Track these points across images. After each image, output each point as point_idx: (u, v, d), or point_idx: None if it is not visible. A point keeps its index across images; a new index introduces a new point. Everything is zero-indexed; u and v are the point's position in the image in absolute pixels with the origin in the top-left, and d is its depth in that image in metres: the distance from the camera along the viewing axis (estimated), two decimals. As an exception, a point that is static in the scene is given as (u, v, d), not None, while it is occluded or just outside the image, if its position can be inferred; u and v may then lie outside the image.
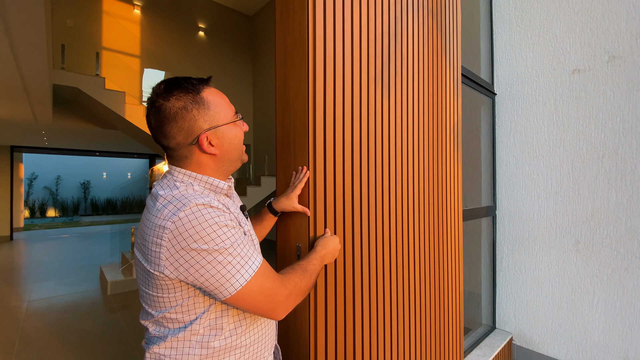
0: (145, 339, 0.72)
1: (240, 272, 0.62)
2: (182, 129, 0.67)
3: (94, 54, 5.06)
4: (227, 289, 0.61)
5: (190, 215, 0.59)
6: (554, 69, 2.21)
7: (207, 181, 0.70)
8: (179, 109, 0.66)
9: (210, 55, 6.41)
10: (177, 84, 0.67)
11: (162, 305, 0.66)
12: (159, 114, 0.66)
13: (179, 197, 0.62)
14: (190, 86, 0.67)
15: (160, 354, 0.67)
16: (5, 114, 4.64)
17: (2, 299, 3.72)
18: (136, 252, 0.68)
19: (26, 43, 2.46)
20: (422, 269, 1.47)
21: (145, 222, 0.64)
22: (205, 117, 0.68)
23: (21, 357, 2.46)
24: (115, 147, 8.97)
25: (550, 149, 2.23)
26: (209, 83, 0.72)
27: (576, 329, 2.11)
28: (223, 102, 0.72)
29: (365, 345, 1.18)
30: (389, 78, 1.30)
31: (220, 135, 0.70)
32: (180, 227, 0.59)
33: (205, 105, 0.68)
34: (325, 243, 0.96)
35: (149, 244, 0.62)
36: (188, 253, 0.59)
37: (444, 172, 1.64)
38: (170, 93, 0.66)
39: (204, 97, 0.69)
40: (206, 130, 0.68)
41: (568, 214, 2.15)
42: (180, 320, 0.66)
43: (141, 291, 0.69)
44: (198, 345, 0.66)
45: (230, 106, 0.74)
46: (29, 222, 11.95)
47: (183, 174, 0.69)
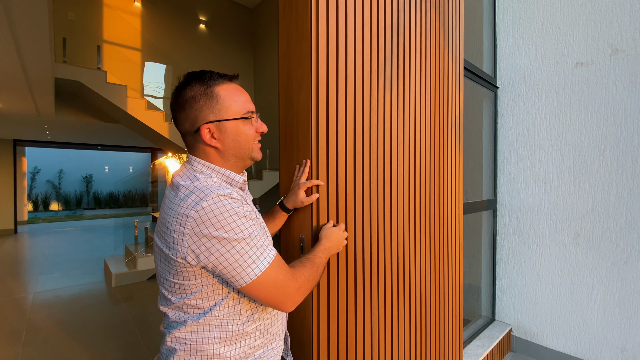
0: (164, 323, 0.75)
1: (255, 263, 0.65)
2: (188, 117, 0.71)
3: (95, 48, 5.05)
4: (242, 278, 0.64)
5: (212, 205, 0.62)
6: (557, 62, 2.20)
7: (225, 173, 0.73)
8: (189, 97, 0.70)
9: (211, 48, 6.38)
10: (198, 75, 0.72)
11: (182, 292, 0.69)
12: (175, 100, 0.73)
13: (201, 188, 0.65)
14: (208, 79, 0.71)
15: (182, 337, 0.70)
16: (8, 108, 4.66)
17: (8, 290, 3.78)
18: (157, 239, 0.70)
19: (28, 36, 2.46)
20: (422, 261, 1.49)
21: (167, 210, 0.67)
22: (212, 109, 0.71)
23: (28, 347, 2.51)
24: (117, 141, 8.99)
25: (551, 143, 2.23)
26: (232, 80, 0.75)
27: (575, 320, 2.14)
28: (236, 98, 0.73)
29: (366, 334, 1.21)
30: (391, 71, 1.30)
31: (223, 130, 0.72)
32: (203, 215, 0.62)
33: (215, 98, 0.71)
34: (330, 235, 0.97)
35: (171, 232, 0.64)
36: (209, 240, 0.62)
37: (445, 165, 1.65)
38: (188, 83, 0.71)
39: (216, 90, 0.71)
40: (209, 122, 0.71)
41: (568, 207, 2.16)
42: (200, 306, 0.69)
43: (161, 278, 0.72)
44: (217, 329, 0.70)
45: (246, 104, 0.75)
46: (33, 216, 12.04)
47: (202, 165, 0.72)
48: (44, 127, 6.31)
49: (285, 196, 1.08)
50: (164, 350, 0.73)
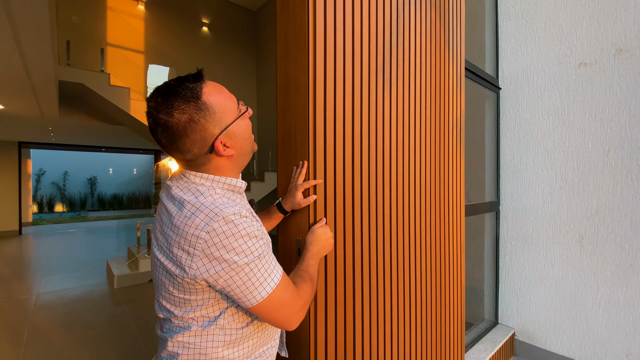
0: (164, 328, 0.73)
1: (262, 285, 0.64)
2: (195, 142, 0.65)
3: (98, 50, 5.09)
4: (249, 300, 0.64)
5: (224, 227, 0.60)
6: (560, 62, 2.18)
7: (226, 182, 0.70)
8: (186, 122, 0.62)
9: (214, 50, 6.41)
10: (174, 93, 0.62)
11: (186, 306, 0.68)
12: (168, 132, 0.63)
13: (209, 206, 0.62)
14: (188, 92, 0.63)
15: (185, 342, 0.68)
16: (13, 110, 4.70)
17: (11, 291, 3.80)
18: (158, 253, 0.67)
19: (31, 39, 2.48)
20: (423, 263, 1.47)
21: (171, 227, 0.63)
22: (214, 122, 0.65)
23: (30, 347, 2.51)
24: (120, 143, 9.04)
25: (555, 144, 2.21)
26: (203, 79, 0.66)
27: (579, 324, 2.10)
28: (224, 98, 0.68)
29: (365, 338, 1.19)
30: (390, 72, 1.29)
31: (232, 135, 0.69)
32: (215, 237, 0.60)
33: (210, 109, 0.65)
34: (315, 239, 0.95)
35: (177, 250, 0.62)
36: (220, 264, 0.61)
37: (446, 167, 1.63)
38: (171, 106, 0.62)
39: (206, 100, 0.64)
40: (219, 135, 0.66)
41: (572, 209, 2.13)
42: (205, 316, 0.69)
43: (161, 290, 0.69)
44: (222, 333, 0.69)
45: (231, 98, 0.70)
46: (37, 217, 12.14)
47: (200, 177, 0.68)
48: (49, 129, 6.37)
49: (283, 197, 1.08)
50: (165, 355, 0.71)
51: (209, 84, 0.67)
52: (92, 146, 9.73)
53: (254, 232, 0.63)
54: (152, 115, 0.63)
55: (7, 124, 5.70)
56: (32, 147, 8.68)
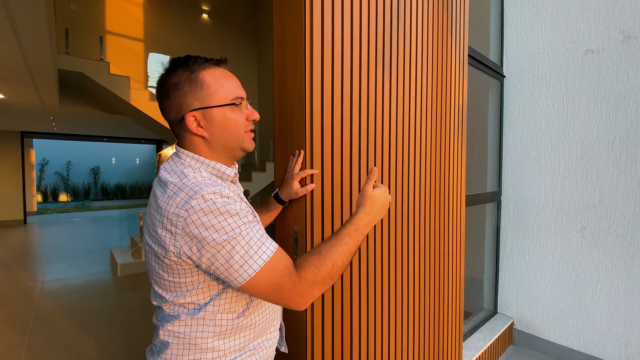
0: (157, 316, 0.73)
1: (248, 263, 0.61)
2: (173, 105, 0.68)
3: (97, 38, 5.03)
4: (236, 279, 0.61)
5: (202, 204, 0.59)
6: (567, 49, 2.12)
7: (215, 167, 0.70)
8: (172, 84, 0.67)
9: (214, 38, 6.32)
10: (183, 61, 0.68)
11: (177, 290, 0.67)
12: (160, 88, 0.70)
13: (189, 185, 0.62)
14: (193, 63, 0.68)
15: (175, 331, 0.68)
16: (13, 100, 4.69)
17: (17, 279, 3.86)
18: (147, 238, 0.68)
19: (29, 27, 2.45)
20: (422, 253, 1.46)
21: (156, 208, 0.64)
22: (197, 96, 0.67)
23: (35, 334, 2.56)
24: (122, 133, 9.03)
25: (559, 133, 2.17)
26: (220, 64, 0.71)
27: (578, 314, 2.11)
28: (223, 84, 0.69)
29: (362, 325, 1.19)
30: (390, 59, 1.26)
31: (209, 117, 0.68)
32: (193, 214, 0.59)
33: (199, 84, 0.67)
34: (371, 207, 0.77)
35: (162, 231, 0.62)
36: (200, 242, 0.59)
37: (447, 156, 1.61)
38: (173, 69, 0.68)
39: (201, 75, 0.67)
40: (194, 110, 0.67)
41: (575, 199, 2.11)
42: (195, 302, 0.67)
43: (153, 276, 0.70)
44: (212, 323, 0.68)
45: (234, 90, 0.70)
46: (42, 207, 12.26)
47: (191, 158, 0.69)
48: (50, 118, 6.36)
49: (280, 188, 1.06)
50: (157, 343, 0.72)
51: (221, 70, 0.71)
52: (94, 136, 9.73)
53: (234, 210, 0.61)
54: (161, 75, 0.71)
55: (8, 113, 5.69)
56: (35, 137, 8.70)
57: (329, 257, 0.68)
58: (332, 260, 0.68)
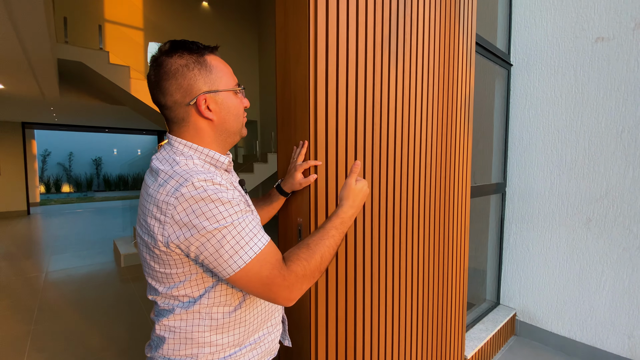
0: (154, 311, 0.73)
1: (238, 254, 0.59)
2: (181, 87, 0.65)
3: (96, 27, 4.95)
4: (225, 270, 0.60)
5: (192, 191, 0.57)
6: (576, 37, 2.07)
7: (208, 154, 0.68)
8: (180, 65, 0.65)
9: (214, 25, 6.22)
10: (183, 43, 0.67)
11: (169, 281, 0.66)
12: (160, 68, 0.65)
13: (180, 173, 0.60)
14: (195, 47, 0.67)
15: (170, 325, 0.67)
16: (13, 90, 4.65)
17: (22, 270, 3.89)
18: (138, 229, 0.67)
19: (26, 15, 2.40)
20: (426, 244, 1.45)
21: (146, 197, 0.62)
22: (206, 79, 0.67)
23: (40, 324, 2.59)
24: (123, 124, 8.99)
25: (566, 124, 2.13)
26: (214, 51, 0.71)
27: (582, 306, 2.10)
28: (226, 70, 0.71)
29: (366, 316, 1.19)
30: (396, 46, 1.22)
31: (220, 101, 0.68)
32: (184, 202, 0.57)
33: (208, 67, 0.67)
34: (354, 200, 0.84)
35: (150, 219, 0.61)
36: (189, 230, 0.58)
37: (453, 147, 1.58)
38: (175, 51, 0.66)
39: (208, 60, 0.68)
40: (205, 93, 0.66)
41: (581, 191, 2.08)
42: (190, 294, 0.66)
43: (146, 268, 0.69)
44: (207, 317, 0.67)
45: (233, 77, 0.72)
46: (45, 198, 12.32)
47: (184, 145, 0.67)
48: (50, 109, 6.32)
49: (282, 179, 1.04)
50: (155, 338, 0.71)
51: (218, 58, 0.71)
52: (95, 127, 9.69)
53: (227, 198, 0.59)
54: (155, 57, 0.66)
55: (8, 104, 5.66)
56: (36, 128, 8.67)
57: (317, 250, 0.67)
58: (321, 253, 0.68)
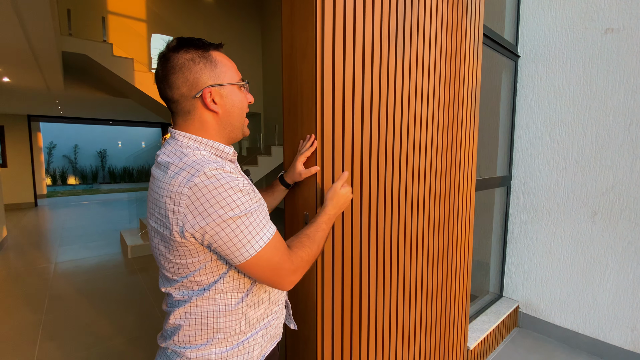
0: (167, 303, 0.74)
1: (250, 242, 0.62)
2: (187, 80, 0.68)
3: (100, 19, 4.94)
4: (237, 257, 0.62)
5: (205, 181, 0.59)
6: (586, 28, 2.03)
7: (213, 145, 0.70)
8: (186, 60, 0.68)
9: (217, 17, 6.17)
10: (189, 40, 0.69)
11: (185, 271, 0.67)
12: (167, 63, 0.68)
13: (190, 164, 0.62)
14: (201, 44, 0.70)
15: (186, 312, 0.69)
16: (18, 83, 4.67)
17: (31, 260, 3.97)
18: (152, 222, 0.68)
19: (30, 7, 2.40)
20: (431, 236, 1.46)
21: (158, 190, 0.64)
22: (211, 73, 0.69)
23: (50, 313, 2.65)
24: (128, 116, 9.01)
25: (574, 116, 2.11)
26: (219, 48, 0.73)
27: (585, 299, 2.11)
28: (230, 65, 0.73)
29: (371, 306, 1.21)
30: (403, 38, 1.21)
31: (225, 95, 0.71)
32: (197, 192, 0.59)
33: (213, 62, 0.70)
34: (337, 201, 0.93)
35: (165, 212, 0.62)
36: (204, 219, 0.59)
37: (458, 139, 1.58)
38: (181, 47, 0.69)
39: (212, 54, 0.70)
40: (211, 86, 0.69)
41: (587, 184, 2.07)
42: (205, 281, 0.68)
43: (161, 260, 0.70)
44: (222, 302, 0.69)
45: (237, 72, 0.74)
46: (52, 190, 12.45)
47: (188, 139, 0.69)
48: (55, 102, 6.35)
49: (286, 170, 1.06)
50: (169, 328, 0.73)
51: (223, 54, 0.73)
52: (100, 119, 9.73)
53: (239, 186, 0.62)
54: (162, 52, 0.70)
55: (14, 97, 5.69)
56: (42, 120, 8.72)
57: (316, 240, 0.75)
58: (318, 243, 0.76)
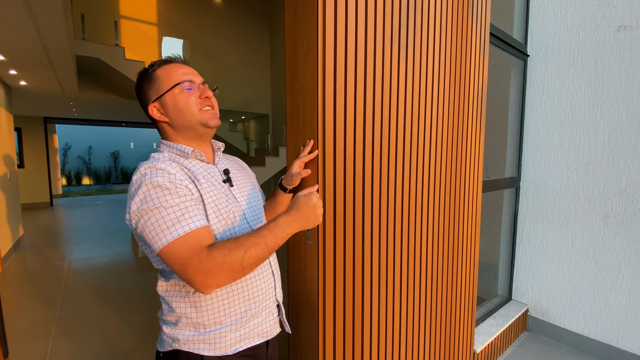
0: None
1: (164, 233, 0.65)
2: (142, 102, 0.81)
3: (112, 23, 5.05)
4: (153, 245, 0.66)
5: (137, 177, 0.69)
6: (597, 25, 1.99)
7: (175, 147, 0.79)
8: (137, 88, 0.81)
9: (226, 21, 6.24)
10: (141, 71, 0.80)
11: (152, 256, 0.76)
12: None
13: (143, 163, 0.72)
14: (147, 68, 0.80)
15: (163, 293, 0.78)
16: (35, 86, 4.82)
17: (47, 258, 4.08)
18: None
19: (45, 14, 2.48)
20: (436, 239, 1.45)
21: None
22: (152, 90, 0.78)
23: (64, 309, 2.72)
24: (139, 118, 9.18)
25: (585, 116, 2.06)
26: (167, 64, 0.80)
27: (597, 303, 2.06)
28: (171, 73, 0.78)
29: (374, 310, 1.21)
30: (406, 38, 1.21)
31: (166, 103, 0.77)
32: (132, 186, 0.69)
33: (153, 79, 0.78)
34: (305, 212, 0.79)
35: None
36: (132, 210, 0.68)
37: (464, 141, 1.56)
38: (139, 80, 0.81)
39: (156, 73, 0.78)
40: (154, 101, 0.78)
41: (599, 186, 2.02)
42: (166, 269, 0.77)
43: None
44: (184, 289, 0.76)
45: (180, 76, 0.78)
46: (67, 190, 12.78)
47: (162, 144, 0.81)
48: (70, 104, 6.52)
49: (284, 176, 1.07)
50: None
51: (172, 64, 0.80)
52: (113, 121, 9.94)
53: (159, 183, 0.67)
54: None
55: (31, 100, 5.87)
56: (57, 123, 8.96)
57: (243, 244, 0.68)
58: (245, 248, 0.68)
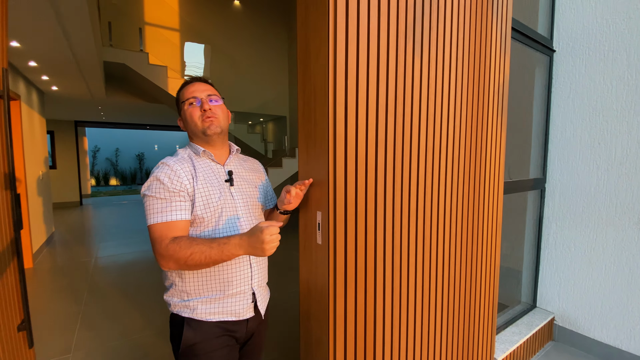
0: None
1: (150, 216, 0.86)
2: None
3: (137, 30, 5.25)
4: (146, 222, 0.87)
5: (154, 168, 0.91)
6: (630, 17, 1.87)
7: (192, 146, 0.99)
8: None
9: (246, 24, 6.35)
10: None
11: None
12: None
13: (165, 158, 0.93)
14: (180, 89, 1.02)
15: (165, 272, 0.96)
16: (65, 91, 5.08)
17: (75, 255, 4.28)
18: None
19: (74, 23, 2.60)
20: (455, 242, 1.40)
21: None
22: (178, 107, 1.01)
23: (90, 304, 2.84)
24: (163, 121, 9.50)
25: (617, 113, 1.94)
26: (190, 82, 1.00)
27: (630, 313, 1.92)
28: (184, 92, 0.98)
29: (386, 313, 1.18)
30: (421, 34, 1.18)
31: (182, 117, 1.00)
32: (151, 173, 0.91)
33: (178, 99, 1.01)
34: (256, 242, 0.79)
35: None
36: (143, 191, 0.89)
37: (484, 141, 1.50)
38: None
39: (178, 94, 1.01)
40: (179, 115, 1.02)
41: (633, 187, 1.89)
42: None
43: None
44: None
45: (188, 94, 0.97)
46: (95, 190, 13.39)
47: (188, 143, 1.02)
48: (98, 108, 6.83)
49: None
50: None
51: (191, 84, 0.99)
52: (138, 124, 10.33)
53: (158, 176, 0.87)
54: None
55: (62, 104, 6.19)
56: (87, 126, 9.41)
57: (192, 248, 0.82)
58: (192, 251, 0.82)
